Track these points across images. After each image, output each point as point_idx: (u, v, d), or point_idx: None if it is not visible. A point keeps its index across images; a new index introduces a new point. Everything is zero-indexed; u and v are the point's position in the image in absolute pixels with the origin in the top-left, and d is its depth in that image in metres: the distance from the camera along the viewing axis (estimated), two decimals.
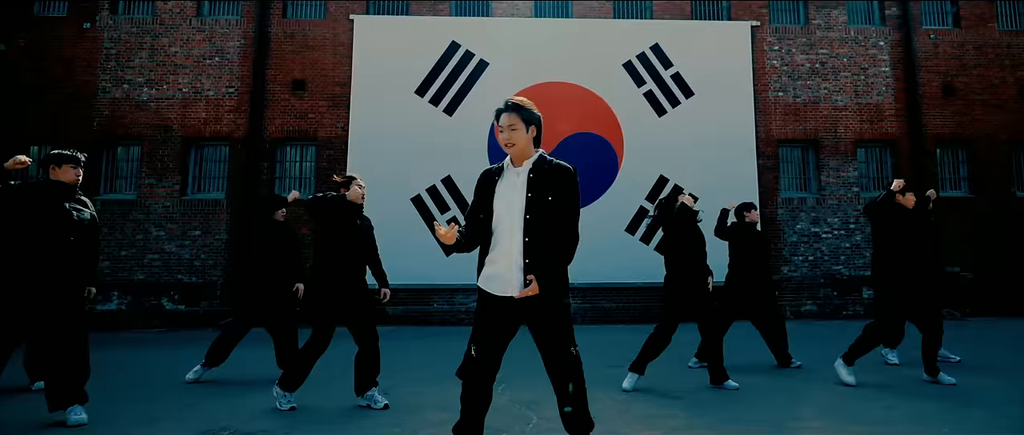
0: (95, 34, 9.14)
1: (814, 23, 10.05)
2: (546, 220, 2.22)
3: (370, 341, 3.68)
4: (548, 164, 2.33)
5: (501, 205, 2.28)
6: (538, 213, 2.22)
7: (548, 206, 2.22)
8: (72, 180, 3.40)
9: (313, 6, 9.73)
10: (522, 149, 2.30)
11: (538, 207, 2.22)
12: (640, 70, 9.56)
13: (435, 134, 9.04)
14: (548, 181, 2.27)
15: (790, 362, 4.95)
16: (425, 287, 8.75)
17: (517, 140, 2.28)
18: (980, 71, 10.10)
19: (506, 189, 2.30)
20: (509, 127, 2.27)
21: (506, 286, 2.21)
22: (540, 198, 2.24)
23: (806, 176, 9.93)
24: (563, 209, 2.26)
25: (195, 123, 9.03)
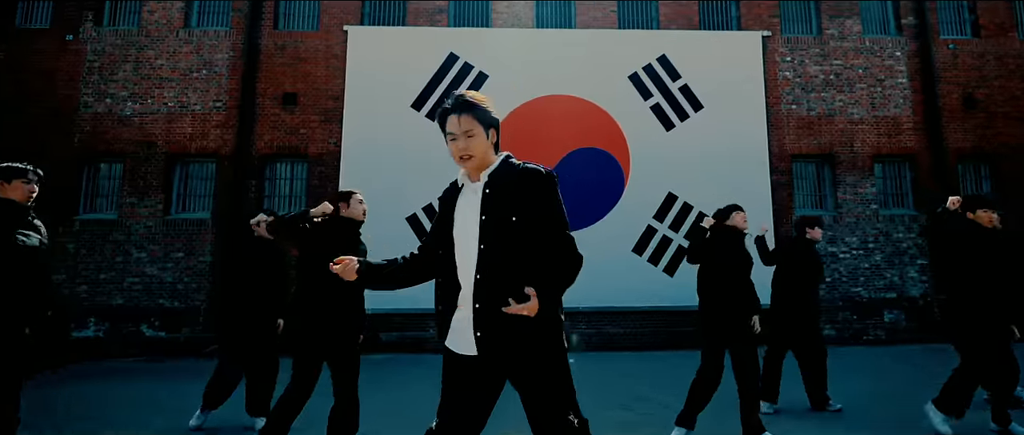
0: (78, 46, 8.76)
1: (827, 33, 9.64)
2: (507, 249, 1.64)
3: (348, 394, 3.20)
4: (511, 170, 1.76)
5: (459, 234, 1.75)
6: (495, 240, 1.65)
7: (510, 229, 1.65)
8: (24, 198, 2.90)
9: (305, 17, 9.36)
10: (481, 159, 1.75)
11: (495, 232, 1.66)
12: (647, 82, 9.14)
13: (432, 150, 8.55)
14: (509, 194, 1.69)
15: (827, 404, 4.42)
16: (421, 312, 8.26)
17: (475, 149, 1.72)
18: (1001, 82, 9.65)
19: (462, 211, 1.77)
20: (465, 133, 1.71)
21: (463, 341, 1.67)
22: (498, 218, 1.67)
23: (822, 193, 9.46)
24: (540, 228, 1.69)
25: (180, 139, 8.61)
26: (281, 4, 9.34)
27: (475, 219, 1.69)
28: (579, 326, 8.31)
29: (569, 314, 2.12)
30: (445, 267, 1.78)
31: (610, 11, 9.54)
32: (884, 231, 9.14)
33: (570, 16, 9.68)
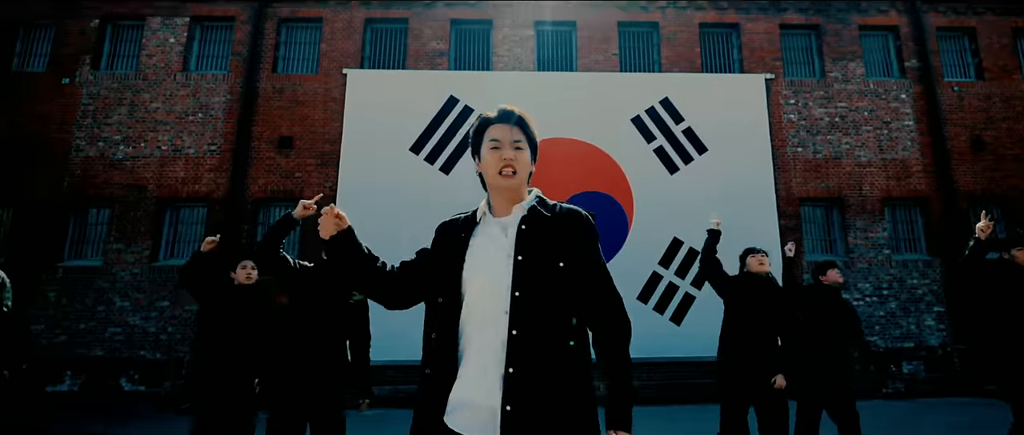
0: (73, 90, 8.66)
1: (831, 75, 9.55)
2: (550, 300, 1.35)
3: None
4: (552, 209, 1.51)
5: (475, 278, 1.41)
6: (535, 287, 1.35)
7: (554, 276, 1.38)
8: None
9: (305, 60, 9.31)
10: (521, 182, 1.50)
11: (535, 277, 1.36)
12: (649, 125, 8.99)
13: (430, 194, 8.37)
14: (550, 235, 1.43)
15: None
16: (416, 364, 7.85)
17: (521, 165, 1.48)
18: (1009, 124, 9.50)
19: (483, 250, 1.45)
20: (513, 144, 1.48)
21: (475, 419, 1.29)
22: (539, 261, 1.38)
23: (831, 237, 9.18)
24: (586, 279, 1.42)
25: (172, 183, 8.40)
26: (281, 48, 9.30)
27: (505, 260, 1.39)
28: None
29: None
30: (444, 319, 1.42)
31: (611, 54, 9.48)
32: (898, 277, 8.81)
33: (571, 59, 9.63)
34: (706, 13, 9.76)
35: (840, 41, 9.76)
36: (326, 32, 9.22)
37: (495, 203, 1.52)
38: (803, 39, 9.98)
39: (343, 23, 9.25)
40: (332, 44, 9.15)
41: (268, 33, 9.14)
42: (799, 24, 9.85)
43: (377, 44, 9.48)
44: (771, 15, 9.83)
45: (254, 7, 9.07)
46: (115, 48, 9.16)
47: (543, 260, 1.38)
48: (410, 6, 9.40)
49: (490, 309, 1.36)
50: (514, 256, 1.38)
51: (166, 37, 8.98)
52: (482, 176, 1.55)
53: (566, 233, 1.44)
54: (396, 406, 7.63)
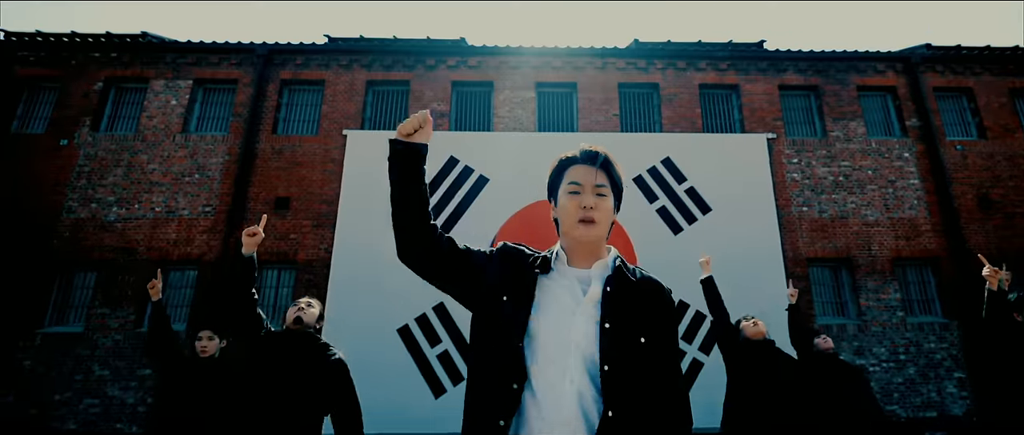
0: (70, 151, 8.60)
1: (832, 135, 9.52)
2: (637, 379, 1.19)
3: None
4: (633, 274, 1.36)
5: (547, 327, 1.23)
6: (623, 363, 1.19)
7: (637, 353, 1.22)
8: None
9: (306, 122, 9.31)
10: (601, 234, 1.35)
11: (623, 351, 1.20)
12: (652, 185, 8.87)
13: None
14: (633, 304, 1.27)
15: None
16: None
17: (602, 215, 1.35)
18: (1016, 183, 9.39)
19: (557, 298, 1.28)
20: (595, 189, 1.35)
21: None
22: (625, 333, 1.22)
23: (842, 299, 8.87)
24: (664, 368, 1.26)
25: (163, 245, 8.19)
26: (282, 109, 9.33)
27: (590, 324, 1.23)
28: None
29: None
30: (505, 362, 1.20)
31: (612, 115, 9.49)
32: (914, 341, 8.45)
33: (572, 120, 9.64)
34: (705, 74, 9.85)
35: (839, 101, 9.80)
36: (328, 94, 9.27)
37: (570, 252, 1.37)
38: (802, 99, 10.03)
39: (345, 85, 9.31)
40: (333, 105, 9.18)
41: (270, 95, 9.18)
42: (798, 85, 9.92)
43: (378, 105, 9.51)
44: (770, 76, 9.91)
45: (257, 71, 9.14)
46: (116, 110, 9.17)
47: (629, 333, 1.23)
48: (412, 68, 9.49)
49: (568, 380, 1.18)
50: (600, 322, 1.23)
51: (168, 99, 9.01)
52: (557, 222, 1.44)
53: (651, 306, 1.30)
54: None
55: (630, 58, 9.74)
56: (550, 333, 1.23)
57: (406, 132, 1.39)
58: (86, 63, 9.15)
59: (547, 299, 1.29)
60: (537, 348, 1.22)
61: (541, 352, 1.22)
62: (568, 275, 1.33)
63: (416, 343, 7.78)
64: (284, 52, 9.37)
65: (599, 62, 9.72)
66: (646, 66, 9.77)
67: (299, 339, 2.79)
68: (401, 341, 7.77)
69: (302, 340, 2.79)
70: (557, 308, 1.27)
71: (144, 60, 9.21)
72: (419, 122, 1.41)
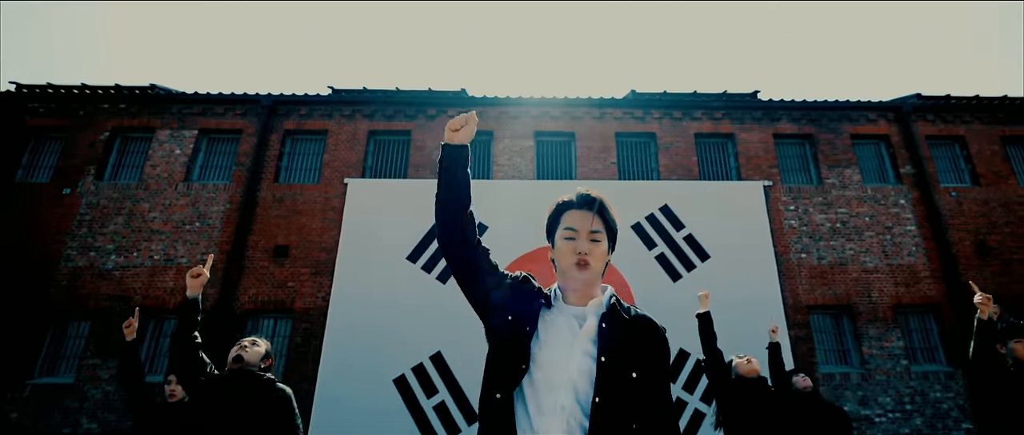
0: (73, 200, 8.68)
1: (828, 182, 9.63)
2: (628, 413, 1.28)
3: None
4: (628, 312, 1.46)
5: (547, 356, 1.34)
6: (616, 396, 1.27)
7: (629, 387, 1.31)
8: None
9: (307, 170, 9.44)
10: (595, 276, 1.45)
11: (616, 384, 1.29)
12: (650, 232, 8.91)
13: (426, 305, 8.11)
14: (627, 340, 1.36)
15: None
16: None
17: (597, 258, 1.45)
18: (1012, 229, 9.43)
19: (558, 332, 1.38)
20: (590, 235, 1.45)
21: None
22: (619, 367, 1.31)
23: (844, 347, 8.77)
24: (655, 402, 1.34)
25: (160, 294, 8.16)
26: (284, 158, 9.47)
27: (586, 359, 1.32)
28: None
29: None
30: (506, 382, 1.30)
31: (610, 163, 9.63)
32: (919, 390, 8.30)
33: (570, 168, 9.77)
34: (701, 124, 10.05)
35: (834, 149, 9.96)
36: (330, 143, 9.43)
37: (566, 291, 1.48)
38: (797, 147, 10.20)
39: (347, 134, 9.49)
40: (335, 154, 9.32)
41: (273, 144, 9.34)
42: (792, 133, 10.10)
43: (379, 154, 9.66)
44: (764, 125, 10.11)
45: (261, 121, 9.34)
46: (121, 159, 9.31)
47: (622, 367, 1.32)
48: (413, 118, 9.70)
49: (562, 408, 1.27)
50: (596, 355, 1.31)
51: (172, 148, 9.16)
52: (554, 262, 1.55)
53: (641, 342, 1.38)
54: None
55: (627, 108, 9.97)
56: (549, 363, 1.32)
57: (454, 128, 1.53)
58: (95, 113, 9.36)
59: (548, 331, 1.38)
60: (536, 374, 1.31)
61: (539, 378, 1.31)
62: (565, 312, 1.42)
63: (412, 394, 7.63)
64: (288, 103, 9.59)
65: (597, 112, 9.94)
66: (643, 116, 9.98)
67: (243, 377, 2.73)
68: (397, 392, 7.62)
69: (244, 379, 2.74)
70: (558, 341, 1.35)
71: (151, 110, 9.42)
72: (465, 120, 1.55)
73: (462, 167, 1.55)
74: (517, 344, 1.35)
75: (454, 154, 1.54)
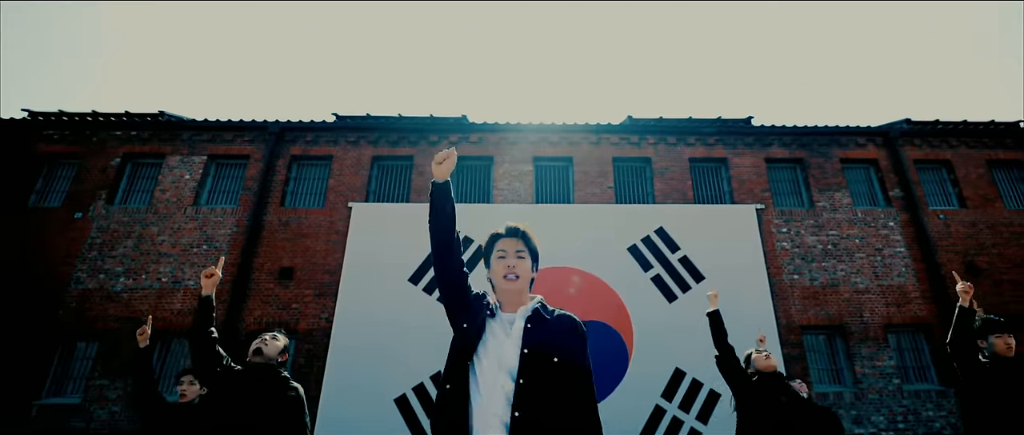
0: (84, 224, 8.93)
1: (819, 205, 9.89)
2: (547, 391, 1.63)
3: None
4: (549, 311, 1.86)
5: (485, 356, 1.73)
6: (536, 378, 1.64)
7: (551, 371, 1.66)
8: None
9: (313, 195, 9.71)
10: (523, 285, 1.86)
11: (537, 369, 1.66)
12: (646, 254, 9.14)
13: (427, 326, 8.29)
14: (549, 335, 1.75)
15: None
16: None
17: (522, 271, 1.86)
18: (1000, 250, 9.66)
19: (493, 336, 1.77)
20: (516, 253, 1.88)
21: None
22: (541, 356, 1.69)
23: (837, 366, 8.92)
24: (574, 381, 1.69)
25: (167, 315, 8.35)
26: (290, 183, 9.75)
27: (514, 351, 1.70)
28: None
29: None
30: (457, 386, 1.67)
31: (607, 187, 9.90)
32: (912, 409, 8.43)
33: (568, 192, 10.04)
34: (695, 149, 10.35)
35: (824, 173, 10.24)
36: (335, 168, 9.71)
37: (503, 301, 1.86)
38: (789, 171, 10.48)
39: (352, 160, 9.78)
40: (340, 179, 9.60)
41: (279, 169, 9.62)
42: (784, 158, 10.40)
43: (383, 179, 9.94)
44: (756, 150, 10.42)
45: (268, 147, 9.64)
46: (131, 184, 9.58)
47: (544, 355, 1.68)
48: (416, 144, 10.00)
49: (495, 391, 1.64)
50: (520, 348, 1.69)
51: (182, 174, 9.44)
52: (491, 281, 1.93)
53: (563, 335, 1.76)
54: None
55: (623, 134, 10.28)
56: (489, 356, 1.72)
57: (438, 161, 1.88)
58: (107, 140, 9.66)
59: (490, 334, 1.77)
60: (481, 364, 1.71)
61: (483, 366, 1.70)
62: (502, 319, 1.82)
63: (412, 413, 7.78)
64: (295, 129, 9.90)
65: (594, 137, 10.25)
66: (638, 141, 10.29)
67: (259, 371, 2.93)
68: (398, 411, 7.77)
69: (262, 372, 2.94)
70: (495, 341, 1.75)
71: (161, 137, 9.73)
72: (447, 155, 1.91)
73: (448, 200, 1.90)
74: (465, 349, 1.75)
75: (440, 190, 1.90)
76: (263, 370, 2.97)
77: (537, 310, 1.82)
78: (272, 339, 3.09)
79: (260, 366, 2.98)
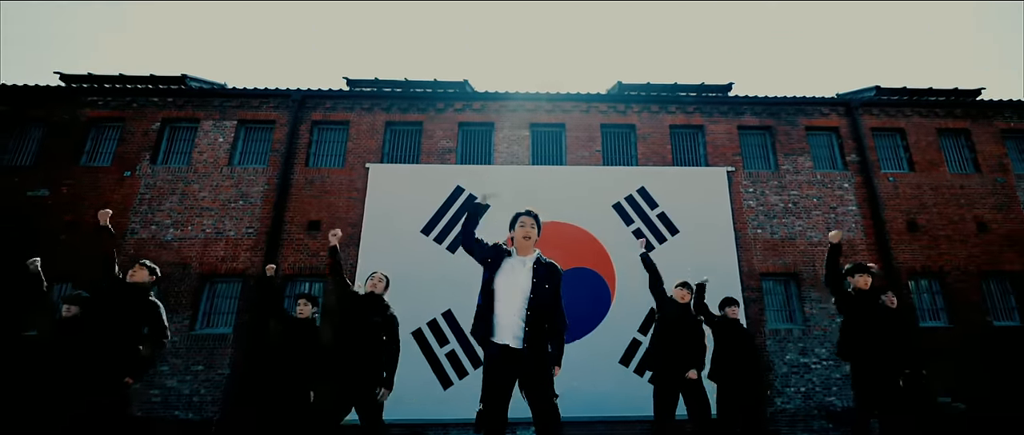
0: (132, 181, 10.10)
1: (784, 168, 11.15)
2: (543, 300, 3.08)
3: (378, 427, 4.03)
4: (544, 261, 3.30)
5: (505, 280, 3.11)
6: (539, 295, 3.09)
7: (545, 292, 3.11)
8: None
9: (333, 156, 10.87)
10: (533, 244, 3.28)
11: (539, 290, 3.09)
12: (628, 210, 10.43)
13: (437, 271, 9.64)
14: (544, 272, 3.19)
15: None
16: (419, 422, 8.77)
17: (533, 235, 3.26)
18: (939, 209, 11.00)
19: (511, 270, 3.15)
20: (530, 225, 3.28)
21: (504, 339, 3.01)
22: (541, 284, 3.12)
23: (791, 308, 10.38)
24: (554, 297, 3.18)
25: (212, 261, 9.65)
26: (313, 145, 10.90)
27: (527, 280, 3.12)
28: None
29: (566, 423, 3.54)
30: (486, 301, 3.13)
31: (595, 150, 11.10)
32: None
33: (561, 155, 11.24)
34: (675, 117, 11.52)
35: (790, 139, 11.46)
36: (352, 132, 10.85)
37: (519, 249, 3.29)
38: (758, 138, 11.70)
39: (367, 125, 10.91)
40: (357, 142, 10.75)
41: (302, 133, 10.76)
42: (754, 125, 11.59)
43: (395, 142, 11.10)
44: (730, 118, 11.59)
45: (292, 113, 10.74)
46: (171, 146, 10.71)
47: (542, 284, 3.12)
48: (424, 111, 11.12)
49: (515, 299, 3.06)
50: (531, 279, 3.12)
51: (216, 137, 10.57)
52: (513, 238, 3.35)
53: (551, 273, 3.21)
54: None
55: (611, 103, 11.42)
56: (508, 284, 3.11)
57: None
58: (146, 106, 10.73)
59: (506, 268, 3.17)
60: (502, 286, 3.10)
61: (504, 288, 3.10)
62: (518, 261, 3.23)
63: (428, 344, 9.20)
64: (315, 97, 10.99)
65: (584, 106, 11.39)
66: (624, 109, 11.44)
67: (373, 299, 4.37)
68: (415, 342, 9.18)
69: (374, 299, 4.37)
70: (513, 273, 3.15)
71: (195, 104, 10.80)
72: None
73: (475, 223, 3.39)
74: (491, 278, 3.17)
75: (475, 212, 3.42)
76: (374, 298, 4.50)
77: (538, 258, 3.24)
78: (380, 281, 4.62)
79: (372, 295, 4.48)
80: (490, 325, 3.02)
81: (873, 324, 4.74)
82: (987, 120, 11.93)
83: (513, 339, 2.95)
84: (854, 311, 4.83)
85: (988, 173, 11.37)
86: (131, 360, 4.09)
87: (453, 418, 8.73)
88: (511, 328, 2.97)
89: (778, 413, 9.32)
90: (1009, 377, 9.70)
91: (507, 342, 2.95)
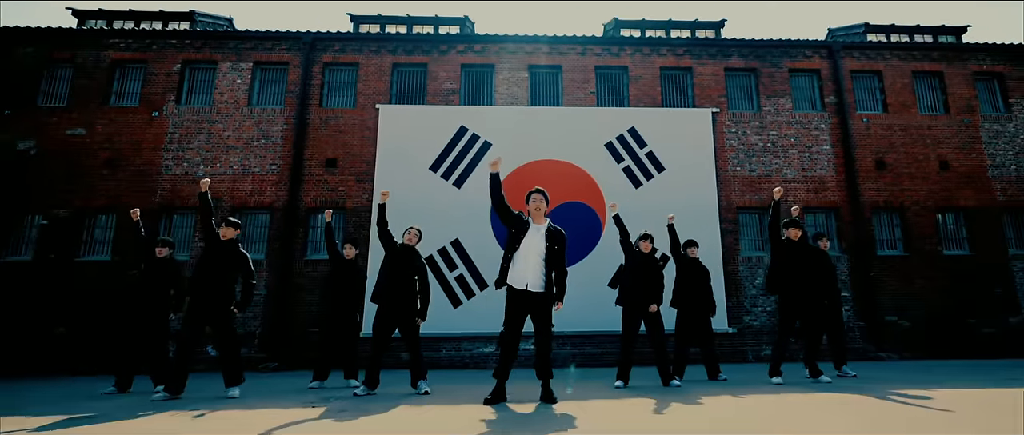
0: (161, 121, 10.90)
1: (765, 109, 11.97)
2: (553, 258, 4.38)
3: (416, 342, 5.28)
4: (554, 228, 4.51)
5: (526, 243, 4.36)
6: (551, 253, 4.39)
7: (554, 252, 4.37)
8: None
9: (345, 96, 11.61)
10: (543, 215, 4.52)
11: (551, 250, 4.39)
12: (619, 149, 11.35)
13: (446, 204, 10.68)
14: (553, 237, 4.43)
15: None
16: (435, 336, 10.09)
17: (544, 208, 4.51)
18: (906, 148, 11.95)
19: (531, 236, 4.39)
20: (542, 200, 4.50)
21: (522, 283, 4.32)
22: (552, 246, 4.39)
23: (763, 238, 11.54)
24: (561, 255, 4.42)
25: (242, 195, 10.64)
26: (326, 87, 11.61)
27: (542, 243, 4.40)
28: (566, 347, 10.17)
29: (560, 336, 7.26)
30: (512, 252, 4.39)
31: (590, 92, 11.86)
32: None
33: (558, 96, 11.99)
34: (665, 59, 12.19)
35: (773, 81, 12.20)
36: (361, 74, 11.54)
37: (533, 218, 4.55)
38: (743, 79, 12.42)
39: (375, 67, 11.58)
40: (366, 84, 11.47)
41: (315, 75, 11.44)
42: (740, 67, 12.29)
43: (402, 83, 11.81)
44: (718, 60, 12.27)
45: (304, 55, 11.38)
46: (193, 87, 11.42)
47: (553, 246, 4.44)
48: (429, 53, 11.75)
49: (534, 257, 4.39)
50: (545, 243, 4.44)
51: (234, 79, 11.26)
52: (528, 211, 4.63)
53: (558, 238, 4.48)
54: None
55: (605, 45, 12.05)
56: (528, 245, 4.43)
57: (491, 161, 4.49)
58: (165, 49, 11.34)
59: (528, 235, 4.45)
60: (522, 248, 4.43)
61: (524, 249, 4.43)
62: (534, 228, 4.51)
63: (438, 269, 10.39)
64: (325, 39, 11.58)
65: (579, 49, 12.02)
66: (617, 52, 12.09)
67: (407, 249, 5.46)
68: (428, 267, 10.34)
69: (408, 250, 5.48)
70: (531, 239, 4.45)
71: (212, 46, 11.40)
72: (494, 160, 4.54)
73: (498, 187, 4.38)
74: (516, 239, 4.42)
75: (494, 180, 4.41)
76: (411, 250, 5.57)
77: (549, 225, 4.41)
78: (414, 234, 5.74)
79: (407, 246, 5.53)
80: (515, 274, 4.30)
81: (803, 265, 5.94)
82: (962, 63, 12.63)
83: (532, 285, 4.26)
84: (788, 255, 5.99)
85: (956, 114, 12.23)
86: (233, 296, 5.39)
87: (463, 332, 10.07)
88: (530, 277, 4.27)
89: (745, 329, 10.70)
90: (955, 298, 11.05)
91: (527, 287, 4.27)
